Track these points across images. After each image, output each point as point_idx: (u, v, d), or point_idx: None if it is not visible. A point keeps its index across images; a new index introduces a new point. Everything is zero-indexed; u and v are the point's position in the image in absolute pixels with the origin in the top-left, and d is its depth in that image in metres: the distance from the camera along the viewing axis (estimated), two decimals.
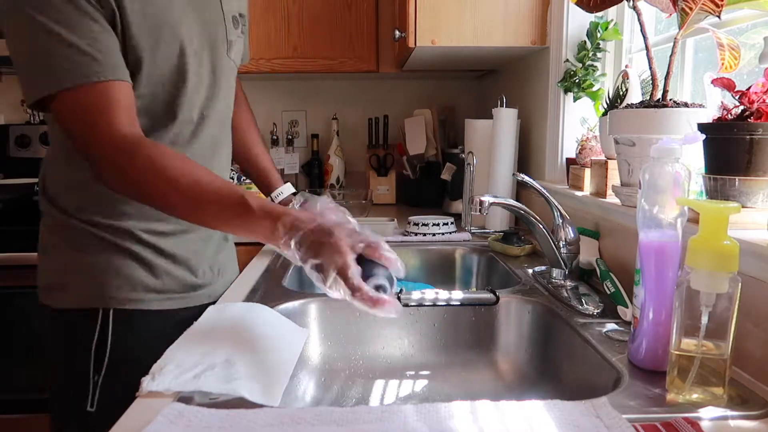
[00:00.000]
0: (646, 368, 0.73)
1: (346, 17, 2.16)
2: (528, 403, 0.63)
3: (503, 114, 1.64)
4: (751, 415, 0.63)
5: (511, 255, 1.41)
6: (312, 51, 2.15)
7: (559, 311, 0.98)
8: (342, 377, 1.02)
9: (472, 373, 1.05)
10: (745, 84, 0.83)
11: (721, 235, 0.62)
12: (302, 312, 1.04)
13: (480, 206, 1.09)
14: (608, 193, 1.17)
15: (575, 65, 1.47)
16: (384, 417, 0.61)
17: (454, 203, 2.01)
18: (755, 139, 0.78)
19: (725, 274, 0.62)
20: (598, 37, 1.42)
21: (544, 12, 1.57)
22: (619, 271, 1.05)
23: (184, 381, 0.68)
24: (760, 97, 0.79)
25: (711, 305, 0.63)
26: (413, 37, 1.57)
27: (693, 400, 0.65)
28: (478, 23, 1.56)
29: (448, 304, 1.07)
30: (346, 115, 2.56)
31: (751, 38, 1.01)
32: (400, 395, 1.00)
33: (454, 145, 2.22)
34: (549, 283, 1.11)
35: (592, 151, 1.33)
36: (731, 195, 0.81)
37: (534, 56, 1.71)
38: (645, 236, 0.73)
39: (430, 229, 1.60)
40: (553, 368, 0.96)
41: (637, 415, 0.62)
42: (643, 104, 0.97)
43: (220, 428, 0.59)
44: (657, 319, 0.72)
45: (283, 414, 0.62)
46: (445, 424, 0.60)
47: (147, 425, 0.59)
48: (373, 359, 1.06)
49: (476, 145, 1.73)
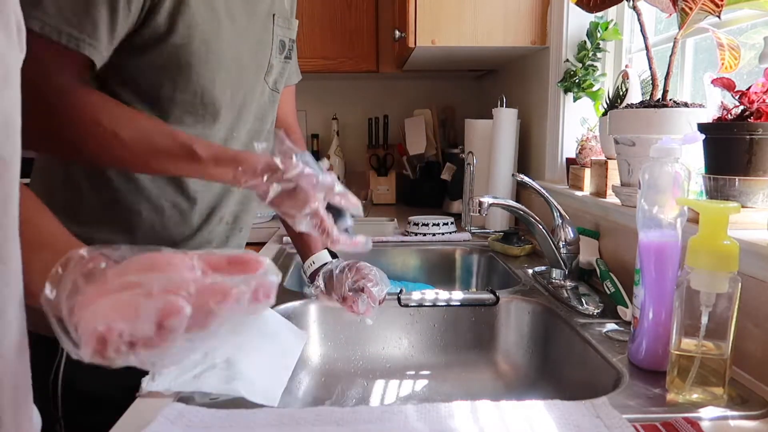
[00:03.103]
0: (646, 368, 0.73)
1: (346, 17, 2.16)
2: (528, 403, 0.63)
3: (503, 114, 1.64)
4: (751, 415, 0.63)
5: (511, 255, 1.41)
6: (312, 51, 2.15)
7: (559, 311, 0.98)
8: (342, 377, 1.02)
9: (472, 373, 1.05)
10: (745, 84, 0.83)
11: (721, 235, 0.62)
12: (302, 312, 1.04)
13: (479, 207, 1.09)
14: (608, 193, 1.17)
15: (575, 65, 1.47)
16: (384, 417, 0.61)
17: (454, 203, 2.01)
18: (755, 139, 0.78)
19: (725, 274, 0.62)
20: (598, 37, 1.42)
21: (544, 12, 1.57)
22: (619, 271, 1.05)
23: (184, 381, 0.68)
24: (760, 97, 0.79)
25: (711, 305, 0.63)
26: (413, 37, 1.57)
27: (693, 400, 0.65)
28: (478, 23, 1.56)
29: (448, 305, 1.07)
30: (346, 115, 2.56)
31: (751, 38, 1.01)
32: (400, 395, 1.00)
33: (454, 145, 2.22)
34: (549, 283, 1.11)
35: (592, 151, 1.33)
36: (731, 195, 0.81)
37: (534, 56, 1.71)
38: (645, 236, 0.73)
39: (430, 229, 1.60)
40: (553, 368, 0.96)
41: (637, 415, 0.62)
42: (643, 104, 0.97)
43: (220, 428, 0.59)
44: (657, 319, 0.72)
45: (283, 414, 0.62)
46: (446, 424, 0.60)
47: (147, 425, 0.59)
48: (373, 359, 1.06)
49: (476, 145, 1.73)
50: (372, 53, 2.18)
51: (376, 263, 0.97)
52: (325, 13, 2.15)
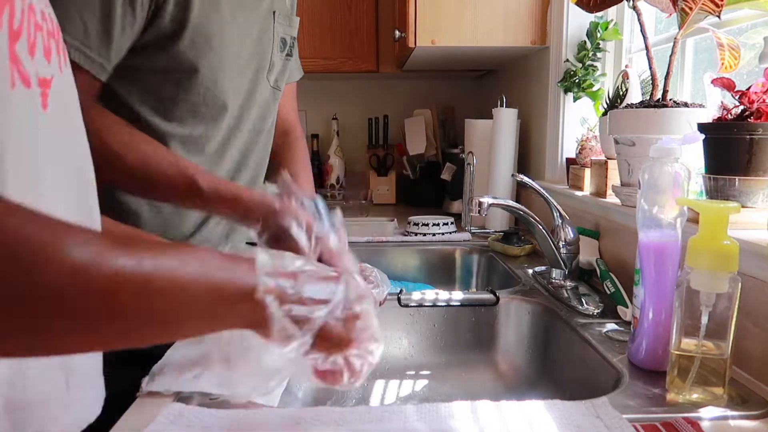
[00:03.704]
0: (646, 368, 0.73)
1: (346, 17, 2.16)
2: (528, 403, 0.63)
3: (503, 114, 1.64)
4: (751, 415, 0.62)
5: (511, 255, 1.41)
6: (312, 51, 2.14)
7: (559, 311, 0.97)
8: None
9: (472, 373, 1.05)
10: (745, 84, 0.83)
11: (721, 235, 0.62)
12: None
13: (479, 207, 1.09)
14: (608, 193, 1.17)
15: (575, 65, 1.47)
16: (384, 417, 0.61)
17: (454, 203, 2.01)
18: (755, 139, 0.78)
19: (725, 274, 0.62)
20: (598, 37, 1.42)
21: (544, 12, 1.57)
22: (619, 271, 1.05)
23: (183, 381, 0.68)
24: (760, 97, 0.79)
25: (711, 305, 0.63)
26: (413, 37, 1.57)
27: (693, 400, 0.65)
28: (478, 23, 1.56)
29: (448, 305, 1.07)
30: (346, 115, 2.55)
31: (751, 38, 1.01)
32: (400, 395, 1.00)
33: (454, 145, 2.21)
34: (549, 283, 1.11)
35: (592, 151, 1.33)
36: (731, 195, 0.81)
37: (534, 56, 1.71)
38: (645, 236, 0.73)
39: (430, 229, 1.60)
40: (553, 368, 0.96)
41: (637, 415, 0.62)
42: (643, 104, 0.97)
43: (220, 428, 0.59)
44: (657, 319, 0.72)
45: (283, 414, 0.62)
46: (446, 424, 0.59)
47: (147, 425, 0.59)
48: None
49: (476, 145, 1.73)
50: (372, 53, 2.18)
51: (376, 263, 0.97)
52: (325, 13, 2.15)
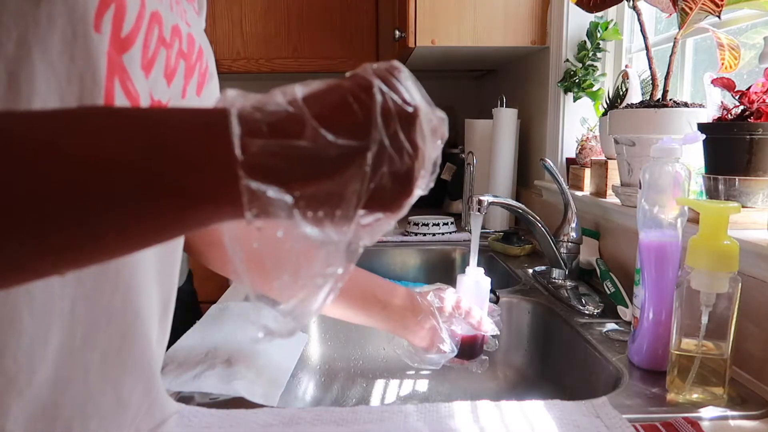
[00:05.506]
0: (646, 368, 0.73)
1: (346, 17, 2.16)
2: (528, 403, 0.63)
3: (503, 114, 1.64)
4: (751, 415, 0.63)
5: (511, 255, 1.41)
6: (312, 51, 2.15)
7: (559, 311, 0.97)
8: (342, 377, 1.02)
9: (472, 373, 1.05)
10: (745, 84, 0.83)
11: (721, 235, 0.62)
12: None
13: (479, 206, 1.09)
14: (608, 193, 1.17)
15: (575, 65, 1.47)
16: (384, 417, 0.61)
17: (454, 203, 2.01)
18: (755, 139, 0.78)
19: (725, 274, 0.62)
20: (598, 37, 1.42)
21: (544, 12, 1.57)
22: (619, 271, 1.05)
23: (184, 381, 0.68)
24: (760, 97, 0.79)
25: (711, 305, 0.63)
26: (413, 37, 1.57)
27: (693, 400, 0.65)
28: (478, 23, 1.56)
29: None
30: None
31: (751, 38, 1.01)
32: (400, 395, 1.00)
33: (454, 145, 2.21)
34: (549, 283, 1.11)
35: (592, 151, 1.33)
36: (731, 195, 0.81)
37: (534, 56, 1.71)
38: (645, 236, 0.73)
39: (430, 229, 1.60)
40: (553, 368, 0.96)
41: (637, 415, 0.62)
42: (643, 104, 0.97)
43: (220, 428, 0.59)
44: (657, 319, 0.72)
45: (283, 414, 0.62)
46: (446, 424, 0.60)
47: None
48: (373, 359, 1.06)
49: (476, 145, 1.73)
50: (372, 53, 2.18)
51: (376, 263, 0.98)
52: (325, 14, 2.15)
